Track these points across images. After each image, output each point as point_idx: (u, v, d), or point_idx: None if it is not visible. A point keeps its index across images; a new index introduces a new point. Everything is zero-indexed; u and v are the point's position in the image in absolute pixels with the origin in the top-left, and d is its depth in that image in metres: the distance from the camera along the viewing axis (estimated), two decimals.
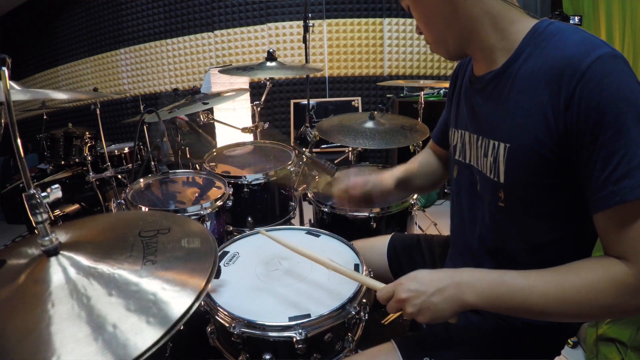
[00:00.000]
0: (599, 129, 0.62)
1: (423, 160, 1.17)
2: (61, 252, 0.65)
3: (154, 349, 0.51)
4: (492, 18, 0.74)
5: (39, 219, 0.62)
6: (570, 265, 0.68)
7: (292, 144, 1.86)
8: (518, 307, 0.68)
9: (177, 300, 0.58)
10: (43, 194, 0.62)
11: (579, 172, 0.67)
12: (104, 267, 0.63)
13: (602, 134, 0.62)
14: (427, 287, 0.72)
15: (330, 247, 1.15)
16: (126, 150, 2.75)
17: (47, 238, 0.63)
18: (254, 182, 1.62)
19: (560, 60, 0.65)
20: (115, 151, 2.69)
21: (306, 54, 2.34)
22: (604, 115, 0.61)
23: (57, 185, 0.64)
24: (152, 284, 0.61)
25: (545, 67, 0.67)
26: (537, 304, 0.66)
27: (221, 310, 0.89)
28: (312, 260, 0.92)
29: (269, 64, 1.82)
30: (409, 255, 1.15)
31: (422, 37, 0.85)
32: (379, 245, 1.19)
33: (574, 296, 0.65)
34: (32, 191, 0.60)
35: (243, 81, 3.20)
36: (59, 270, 0.62)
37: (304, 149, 1.63)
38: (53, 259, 0.64)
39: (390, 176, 1.11)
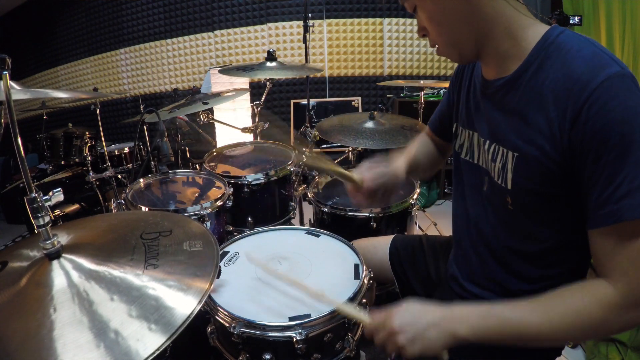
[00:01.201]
0: (603, 149, 0.63)
1: (420, 147, 1.17)
2: (63, 255, 0.65)
3: (155, 355, 0.51)
4: (506, 21, 0.73)
5: (41, 222, 0.61)
6: (556, 293, 0.70)
7: (292, 144, 1.87)
8: (510, 337, 0.70)
9: (179, 306, 0.58)
10: (45, 198, 0.61)
11: (581, 188, 0.68)
12: (105, 271, 0.63)
13: (605, 154, 0.63)
14: (420, 319, 0.72)
15: (330, 247, 1.15)
16: (126, 150, 2.74)
17: (48, 241, 0.63)
18: (254, 182, 1.62)
19: (569, 77, 0.66)
20: (115, 151, 2.69)
21: (306, 54, 2.34)
22: (609, 137, 0.62)
23: (59, 190, 0.63)
24: (154, 289, 0.61)
25: (554, 82, 0.68)
26: (527, 333, 0.68)
27: (221, 310, 0.89)
28: (302, 289, 0.90)
29: (269, 64, 1.82)
30: (411, 255, 1.15)
31: (423, 37, 0.83)
32: (381, 245, 1.19)
33: (561, 322, 0.66)
34: (34, 195, 0.60)
35: (243, 81, 3.20)
36: (60, 274, 0.62)
37: (304, 149, 1.63)
38: (55, 262, 0.63)
39: (401, 167, 1.08)
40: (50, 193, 0.62)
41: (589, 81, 0.63)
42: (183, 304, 0.58)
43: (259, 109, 2.13)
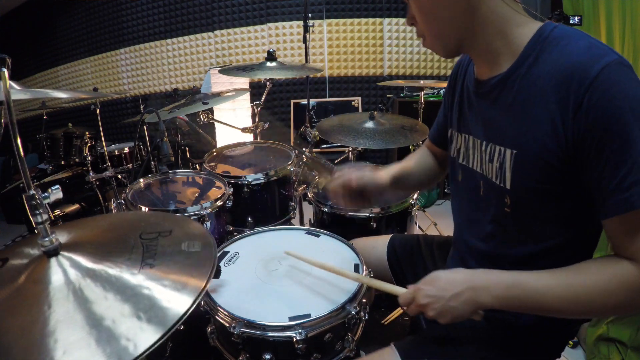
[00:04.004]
0: (607, 138, 0.62)
1: (419, 158, 1.16)
2: (61, 252, 0.65)
3: (145, 354, 0.51)
4: (499, 19, 0.73)
5: (39, 219, 0.61)
6: (580, 266, 0.71)
7: (292, 144, 1.86)
8: (532, 307, 0.72)
9: (173, 307, 0.57)
10: (43, 195, 0.62)
11: (587, 180, 0.68)
12: (101, 270, 0.63)
13: (610, 143, 0.62)
14: (444, 291, 0.75)
15: (330, 247, 1.15)
16: (126, 150, 2.74)
17: (47, 239, 0.63)
18: (254, 182, 1.62)
19: (568, 67, 0.65)
20: (115, 151, 2.69)
21: (306, 54, 2.33)
22: (612, 124, 0.62)
23: (57, 187, 0.64)
24: (148, 289, 0.60)
25: (552, 74, 0.67)
26: (550, 303, 0.70)
27: (221, 310, 0.89)
28: (334, 272, 0.95)
29: (269, 64, 1.82)
30: (408, 256, 1.15)
31: (412, 26, 0.82)
32: (379, 245, 1.19)
33: (585, 296, 0.67)
34: (32, 192, 0.60)
35: (243, 81, 3.20)
36: (58, 272, 0.62)
37: (304, 149, 1.63)
38: (53, 260, 0.63)
39: (385, 174, 1.09)
40: (49, 190, 0.62)
41: (588, 70, 0.63)
42: (176, 304, 0.58)
43: (259, 109, 2.13)
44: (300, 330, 0.82)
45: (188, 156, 2.62)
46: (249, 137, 2.34)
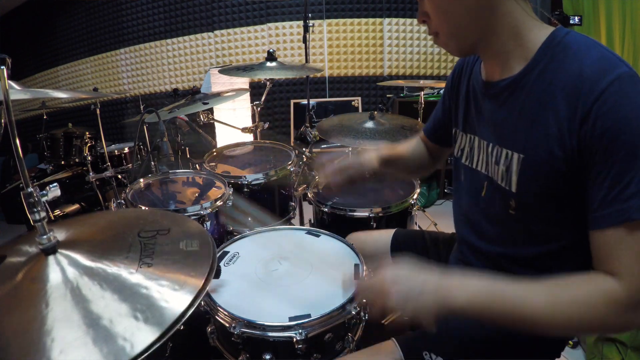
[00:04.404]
0: (612, 148, 0.62)
1: (413, 146, 1.17)
2: (59, 250, 0.65)
3: (144, 355, 0.50)
4: (514, 21, 0.72)
5: (37, 217, 0.61)
6: (561, 279, 0.68)
7: (292, 144, 1.86)
8: (506, 316, 0.68)
9: (171, 307, 0.57)
10: (41, 193, 0.61)
11: (586, 186, 0.67)
12: (99, 268, 0.63)
13: (614, 153, 0.62)
14: (416, 284, 0.72)
15: (330, 247, 1.15)
16: (126, 150, 2.74)
17: (44, 237, 0.63)
18: (254, 182, 1.62)
19: (578, 76, 0.65)
20: (115, 151, 2.69)
21: (306, 54, 2.33)
22: (618, 135, 0.62)
23: (55, 184, 0.63)
24: (146, 288, 0.60)
25: (563, 81, 0.67)
26: (528, 314, 0.66)
27: (221, 310, 0.89)
28: None
29: (269, 64, 1.82)
30: (413, 248, 1.14)
31: (423, 37, 0.81)
32: (381, 239, 1.18)
33: (564, 309, 0.65)
34: (30, 189, 0.60)
35: (243, 81, 3.20)
36: (56, 270, 0.61)
37: (304, 149, 1.63)
38: (51, 258, 0.63)
39: (374, 156, 1.11)
40: (47, 188, 0.62)
41: (599, 80, 0.63)
42: (174, 305, 0.57)
43: (259, 109, 2.13)
44: (300, 331, 0.82)
45: (188, 156, 2.62)
46: (249, 137, 2.34)
